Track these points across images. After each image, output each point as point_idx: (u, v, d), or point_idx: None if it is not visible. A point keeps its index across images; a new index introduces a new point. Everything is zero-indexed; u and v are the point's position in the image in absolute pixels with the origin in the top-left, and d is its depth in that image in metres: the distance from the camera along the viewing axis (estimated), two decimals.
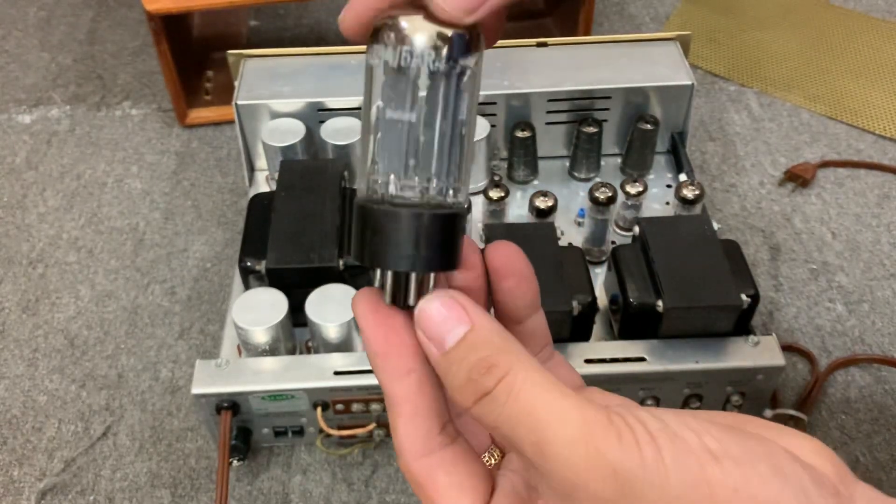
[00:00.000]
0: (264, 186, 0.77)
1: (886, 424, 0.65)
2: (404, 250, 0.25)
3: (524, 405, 0.23)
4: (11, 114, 0.96)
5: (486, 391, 0.23)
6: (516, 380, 0.23)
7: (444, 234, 0.26)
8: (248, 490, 0.61)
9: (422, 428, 0.26)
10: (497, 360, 0.24)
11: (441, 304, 0.25)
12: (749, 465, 0.21)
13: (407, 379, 0.26)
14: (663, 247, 0.60)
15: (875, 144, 0.88)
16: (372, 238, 0.26)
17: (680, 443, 0.21)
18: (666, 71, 0.75)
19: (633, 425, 0.22)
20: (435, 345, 0.25)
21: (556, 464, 0.22)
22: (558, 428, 0.22)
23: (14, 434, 0.65)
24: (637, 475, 0.21)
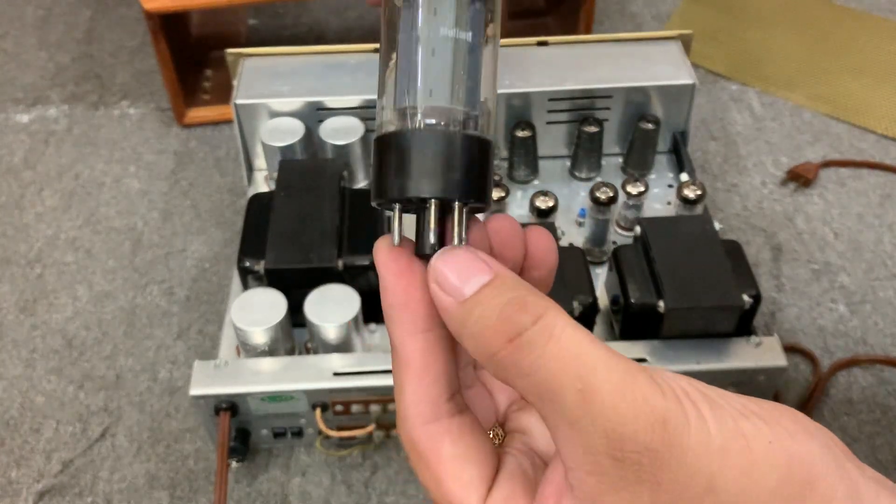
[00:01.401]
0: (263, 186, 0.77)
1: (889, 425, 0.64)
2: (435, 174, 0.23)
3: (569, 347, 0.21)
4: (9, 113, 0.95)
5: (522, 328, 0.21)
6: (557, 321, 0.21)
7: (475, 160, 0.24)
8: (246, 492, 0.61)
9: (431, 391, 0.24)
10: (531, 300, 0.22)
11: (459, 254, 0.23)
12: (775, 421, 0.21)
13: (423, 336, 0.24)
14: (664, 247, 0.59)
15: (877, 144, 0.88)
16: (398, 168, 0.24)
17: (710, 400, 0.21)
18: (667, 70, 0.74)
19: (669, 381, 0.21)
20: (451, 293, 0.22)
21: (602, 413, 0.20)
22: (605, 374, 0.21)
23: (12, 435, 0.65)
24: (684, 426, 0.20)
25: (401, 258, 0.24)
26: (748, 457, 0.20)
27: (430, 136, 0.23)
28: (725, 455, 0.20)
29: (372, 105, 0.74)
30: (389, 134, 0.24)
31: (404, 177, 0.24)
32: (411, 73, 0.24)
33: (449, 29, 0.24)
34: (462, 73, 0.25)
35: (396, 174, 0.24)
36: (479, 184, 0.24)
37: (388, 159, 0.24)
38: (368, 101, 0.74)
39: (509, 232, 0.26)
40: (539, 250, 0.26)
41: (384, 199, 0.24)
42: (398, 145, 0.24)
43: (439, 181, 0.23)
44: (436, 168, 0.23)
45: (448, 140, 0.24)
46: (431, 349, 0.24)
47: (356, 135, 0.72)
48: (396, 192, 0.24)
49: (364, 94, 0.74)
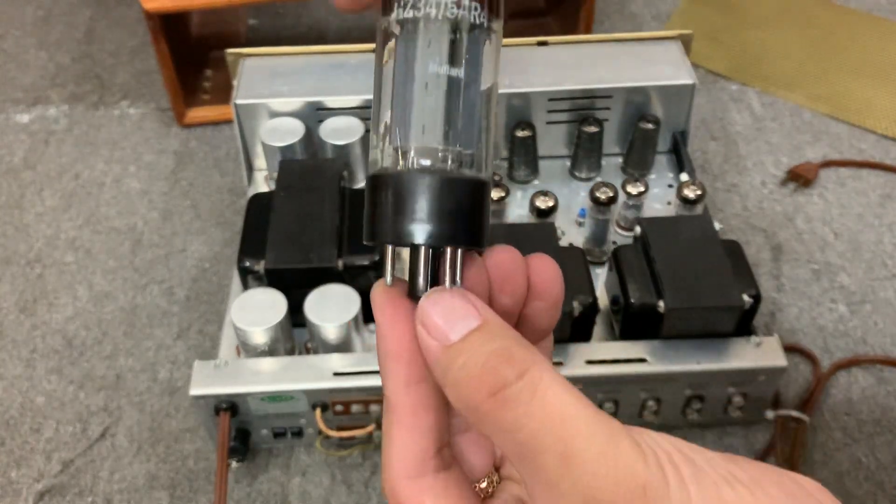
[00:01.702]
0: (263, 186, 0.77)
1: (889, 425, 0.64)
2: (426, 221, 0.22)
3: (552, 409, 0.20)
4: (9, 113, 0.95)
5: (505, 383, 0.21)
6: (542, 377, 0.21)
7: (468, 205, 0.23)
8: (246, 492, 0.61)
9: (419, 445, 0.23)
10: (517, 352, 0.21)
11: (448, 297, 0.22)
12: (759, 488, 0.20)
13: (416, 388, 0.23)
14: (664, 247, 0.59)
15: (877, 144, 0.88)
16: (389, 211, 0.23)
17: (693, 465, 0.21)
18: (667, 70, 0.74)
19: (652, 445, 0.21)
20: (438, 338, 0.22)
21: (582, 478, 0.20)
22: (588, 439, 0.20)
23: (12, 435, 0.65)
24: (664, 494, 0.20)
25: (395, 303, 0.24)
26: None
27: (421, 179, 0.23)
28: None
29: (371, 105, 0.74)
30: (380, 175, 0.23)
31: (395, 222, 0.23)
32: (404, 111, 0.24)
33: (442, 66, 0.23)
34: (457, 112, 0.24)
35: (387, 218, 0.23)
36: (472, 228, 0.23)
37: (378, 201, 0.23)
38: (368, 101, 0.74)
39: (510, 266, 0.25)
40: (542, 280, 0.25)
41: (376, 242, 0.24)
42: (389, 187, 0.23)
43: (430, 228, 0.23)
44: (427, 213, 0.23)
45: (440, 184, 0.23)
46: (422, 402, 0.24)
47: (356, 135, 0.72)
48: (387, 237, 0.23)
49: (364, 94, 0.74)
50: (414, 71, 0.23)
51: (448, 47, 0.23)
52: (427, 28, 0.23)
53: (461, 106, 0.24)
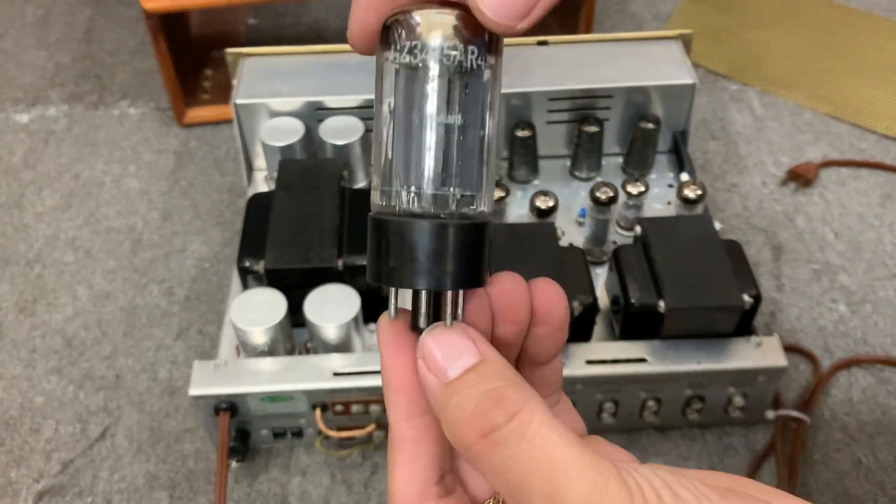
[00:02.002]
0: (263, 186, 0.77)
1: (889, 425, 0.64)
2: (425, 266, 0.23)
3: (540, 452, 0.21)
4: (9, 113, 0.95)
5: (495, 426, 0.21)
6: (532, 420, 0.21)
7: (467, 247, 0.24)
8: (246, 492, 0.61)
9: (421, 474, 0.24)
10: (509, 394, 0.22)
11: (448, 333, 0.23)
12: None
13: (418, 420, 0.24)
14: (665, 247, 0.59)
15: (878, 144, 0.88)
16: (389, 254, 0.23)
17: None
18: (668, 70, 0.74)
19: (642, 484, 0.21)
20: (436, 374, 0.23)
21: None
22: (575, 481, 0.21)
23: (11, 435, 0.65)
24: None
25: (399, 337, 0.24)
26: None
27: (421, 225, 0.23)
28: None
29: (371, 105, 0.73)
30: (381, 219, 0.24)
31: (396, 267, 0.23)
32: (403, 156, 0.24)
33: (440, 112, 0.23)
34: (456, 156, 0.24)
35: (389, 262, 0.24)
36: (472, 270, 0.24)
37: (380, 244, 0.24)
38: (368, 101, 0.74)
39: (512, 295, 0.25)
40: (545, 304, 0.26)
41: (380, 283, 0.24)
42: (390, 232, 0.23)
43: (431, 272, 0.23)
44: (427, 259, 0.23)
45: (440, 230, 0.23)
46: (425, 433, 0.24)
47: (356, 134, 0.72)
48: (389, 281, 0.24)
49: (364, 94, 0.74)
50: (412, 117, 0.24)
51: (446, 93, 0.23)
52: (424, 74, 0.23)
53: (460, 150, 0.24)
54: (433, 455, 0.24)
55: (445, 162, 0.24)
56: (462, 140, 0.24)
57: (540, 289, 0.26)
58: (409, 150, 0.24)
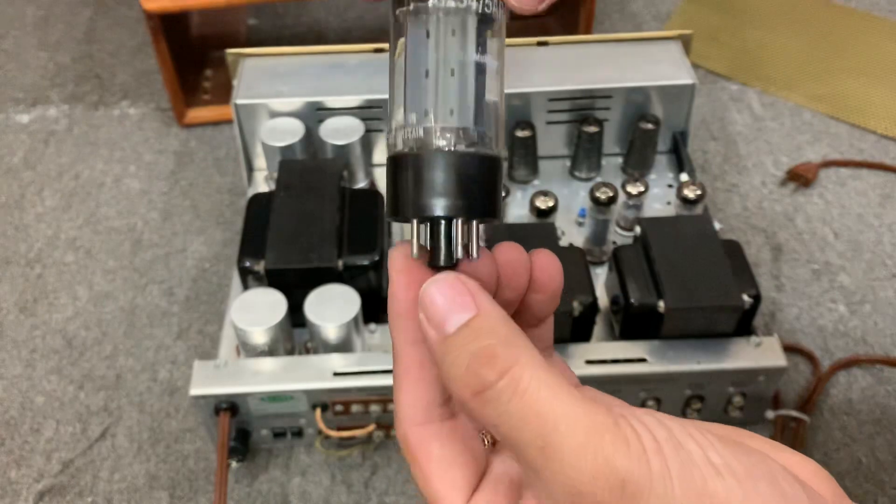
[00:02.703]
0: (263, 186, 0.77)
1: (889, 425, 0.64)
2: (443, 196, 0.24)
3: (531, 405, 0.21)
4: (9, 113, 0.95)
5: (487, 385, 0.22)
6: (522, 376, 0.22)
7: (483, 178, 0.25)
8: (246, 492, 0.61)
9: (425, 396, 0.25)
10: (500, 352, 0.22)
11: (446, 286, 0.23)
12: (751, 482, 0.21)
13: (422, 345, 0.25)
14: (665, 247, 0.59)
15: (877, 144, 0.88)
16: (408, 187, 0.25)
17: (684, 454, 0.21)
18: (667, 70, 0.74)
19: (641, 432, 0.21)
20: (435, 328, 0.23)
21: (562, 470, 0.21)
22: (567, 433, 0.21)
23: (12, 435, 0.65)
24: (644, 486, 0.20)
25: (413, 270, 0.25)
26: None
27: (438, 157, 0.24)
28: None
29: (371, 105, 0.74)
30: (399, 155, 0.25)
31: (418, 197, 0.25)
32: (417, 96, 0.25)
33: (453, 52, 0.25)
34: (468, 94, 0.25)
35: (410, 194, 0.25)
36: (490, 201, 0.25)
37: (401, 179, 0.25)
38: (368, 101, 0.74)
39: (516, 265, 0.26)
40: (544, 275, 0.27)
41: (399, 218, 0.25)
42: (408, 167, 0.25)
43: (452, 201, 0.24)
44: (448, 188, 0.24)
45: (456, 160, 0.25)
46: (428, 358, 0.25)
47: (356, 135, 0.72)
48: (411, 212, 0.25)
49: (364, 95, 0.74)
50: (426, 58, 0.25)
51: (458, 34, 0.25)
52: (437, 17, 0.25)
53: (471, 88, 0.25)
54: (436, 378, 0.25)
55: (459, 99, 0.25)
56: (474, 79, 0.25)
57: (540, 260, 0.27)
58: (424, 91, 0.25)
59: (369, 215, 0.64)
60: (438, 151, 0.25)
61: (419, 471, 0.25)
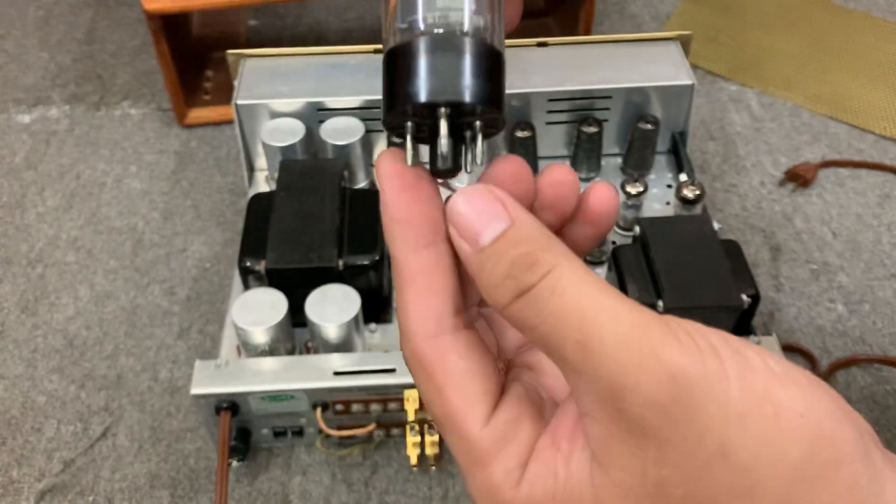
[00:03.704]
0: (264, 186, 0.77)
1: (888, 425, 0.65)
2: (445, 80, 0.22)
3: (571, 301, 0.21)
4: (10, 113, 0.96)
5: (528, 286, 0.21)
6: (563, 276, 0.21)
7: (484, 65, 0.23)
8: (247, 491, 0.61)
9: (436, 306, 0.23)
10: (541, 257, 0.21)
11: (477, 197, 0.22)
12: (814, 393, 0.20)
13: (425, 251, 0.23)
14: (664, 247, 0.60)
15: (876, 144, 0.88)
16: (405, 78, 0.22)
17: (743, 359, 0.20)
18: (666, 71, 0.75)
19: (694, 334, 0.20)
20: (468, 241, 0.22)
21: (603, 362, 0.20)
22: (609, 325, 0.20)
23: (13, 434, 0.65)
24: (698, 384, 0.19)
25: (405, 173, 0.23)
26: (773, 425, 0.19)
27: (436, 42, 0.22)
28: (744, 420, 0.19)
29: (372, 105, 0.74)
30: (396, 47, 0.23)
31: (412, 86, 0.22)
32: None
33: None
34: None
35: (406, 84, 0.22)
36: (491, 89, 0.23)
37: (397, 71, 0.23)
38: (369, 102, 0.74)
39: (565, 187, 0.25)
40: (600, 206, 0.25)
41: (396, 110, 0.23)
42: (408, 54, 0.23)
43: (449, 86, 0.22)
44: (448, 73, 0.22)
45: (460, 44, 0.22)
46: (435, 264, 0.23)
47: (356, 135, 0.72)
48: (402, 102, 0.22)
49: (364, 95, 0.74)
50: None
51: None
52: None
53: None
54: (445, 286, 0.23)
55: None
56: None
57: (599, 190, 0.25)
58: None
59: (370, 215, 0.64)
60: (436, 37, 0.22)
61: (433, 386, 0.23)
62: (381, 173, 0.24)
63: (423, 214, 0.23)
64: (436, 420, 0.24)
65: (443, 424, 0.23)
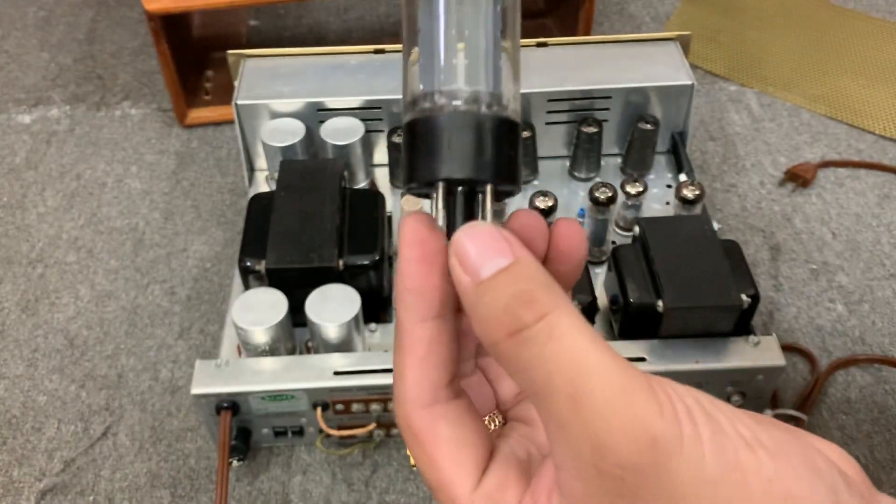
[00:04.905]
0: (264, 186, 0.77)
1: (887, 424, 0.65)
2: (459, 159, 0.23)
3: (567, 351, 0.21)
4: (11, 114, 0.96)
5: (523, 325, 0.21)
6: (561, 321, 0.21)
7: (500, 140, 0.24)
8: (247, 490, 0.61)
9: (432, 375, 0.24)
10: (539, 296, 0.21)
11: (483, 233, 0.23)
12: (783, 457, 0.20)
13: (432, 322, 0.24)
14: (663, 247, 0.60)
15: (875, 144, 0.88)
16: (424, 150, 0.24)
17: (715, 424, 0.20)
18: (666, 71, 0.75)
19: (673, 397, 0.20)
20: (469, 273, 0.22)
21: (591, 423, 0.20)
22: (600, 383, 0.20)
23: (14, 434, 0.65)
24: (675, 450, 0.20)
25: (426, 241, 0.24)
26: (742, 492, 0.20)
27: (459, 118, 0.24)
28: (717, 487, 0.20)
29: (372, 105, 0.74)
30: (418, 119, 0.24)
31: (432, 161, 0.24)
32: (436, 57, 0.25)
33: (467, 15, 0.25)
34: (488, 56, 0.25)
35: (427, 158, 0.24)
36: (509, 166, 0.24)
37: (417, 143, 0.24)
38: (369, 102, 0.74)
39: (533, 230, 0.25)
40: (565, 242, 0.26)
41: (416, 182, 0.24)
42: (427, 129, 0.24)
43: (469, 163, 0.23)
44: (467, 150, 0.23)
45: (478, 122, 0.24)
46: (437, 336, 0.24)
47: (356, 135, 0.72)
48: (420, 176, 0.24)
49: (364, 95, 0.74)
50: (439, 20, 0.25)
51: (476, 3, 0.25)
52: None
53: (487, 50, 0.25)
54: (443, 358, 0.24)
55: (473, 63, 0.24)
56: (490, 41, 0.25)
57: (563, 230, 0.26)
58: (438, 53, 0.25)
59: (370, 215, 0.64)
60: (456, 113, 0.24)
61: (425, 455, 0.24)
62: (403, 240, 0.24)
63: (436, 288, 0.24)
64: (428, 485, 0.24)
65: (435, 490, 0.24)
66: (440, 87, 0.24)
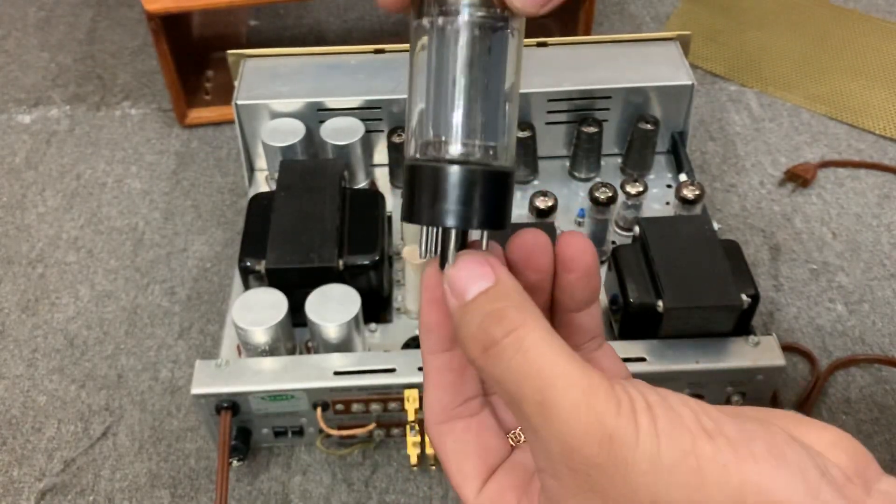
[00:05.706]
0: (264, 186, 0.77)
1: (887, 424, 0.65)
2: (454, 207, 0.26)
3: (532, 363, 0.23)
4: (11, 114, 0.96)
5: (493, 342, 0.23)
6: (527, 336, 0.23)
7: (491, 191, 0.26)
8: (247, 490, 0.61)
9: (442, 398, 0.28)
10: (509, 314, 0.24)
11: (469, 260, 0.26)
12: (743, 444, 0.21)
13: (440, 355, 0.28)
14: (663, 247, 0.60)
15: (875, 144, 0.88)
16: (422, 196, 0.26)
17: (675, 416, 0.22)
18: (666, 71, 0.75)
19: (634, 396, 0.22)
20: (456, 297, 0.25)
21: (557, 426, 0.22)
22: (563, 391, 0.22)
23: (14, 434, 0.65)
24: (630, 443, 0.21)
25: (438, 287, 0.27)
26: (696, 477, 0.21)
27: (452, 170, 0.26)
28: (672, 474, 0.21)
29: (372, 106, 0.74)
30: (416, 166, 0.27)
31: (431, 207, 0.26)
32: (434, 107, 0.27)
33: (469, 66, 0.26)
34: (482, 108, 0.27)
35: (424, 203, 0.27)
36: (498, 214, 0.27)
37: (416, 188, 0.27)
38: (369, 102, 0.74)
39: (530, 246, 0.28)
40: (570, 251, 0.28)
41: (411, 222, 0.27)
42: (423, 177, 0.26)
43: (460, 212, 0.26)
44: (457, 200, 0.26)
45: (469, 174, 0.26)
46: (448, 366, 0.28)
47: (356, 135, 0.72)
48: (417, 220, 0.27)
49: (364, 95, 0.74)
50: (443, 71, 0.27)
51: (474, 48, 0.26)
52: (454, 32, 0.26)
53: (486, 102, 0.27)
54: (452, 383, 0.28)
55: (474, 113, 0.27)
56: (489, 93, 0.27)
57: (565, 239, 0.28)
58: (440, 103, 0.27)
59: (369, 215, 0.64)
60: (452, 164, 0.26)
61: (443, 461, 0.28)
62: (423, 284, 0.28)
63: (447, 326, 0.27)
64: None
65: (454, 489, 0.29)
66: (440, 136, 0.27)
